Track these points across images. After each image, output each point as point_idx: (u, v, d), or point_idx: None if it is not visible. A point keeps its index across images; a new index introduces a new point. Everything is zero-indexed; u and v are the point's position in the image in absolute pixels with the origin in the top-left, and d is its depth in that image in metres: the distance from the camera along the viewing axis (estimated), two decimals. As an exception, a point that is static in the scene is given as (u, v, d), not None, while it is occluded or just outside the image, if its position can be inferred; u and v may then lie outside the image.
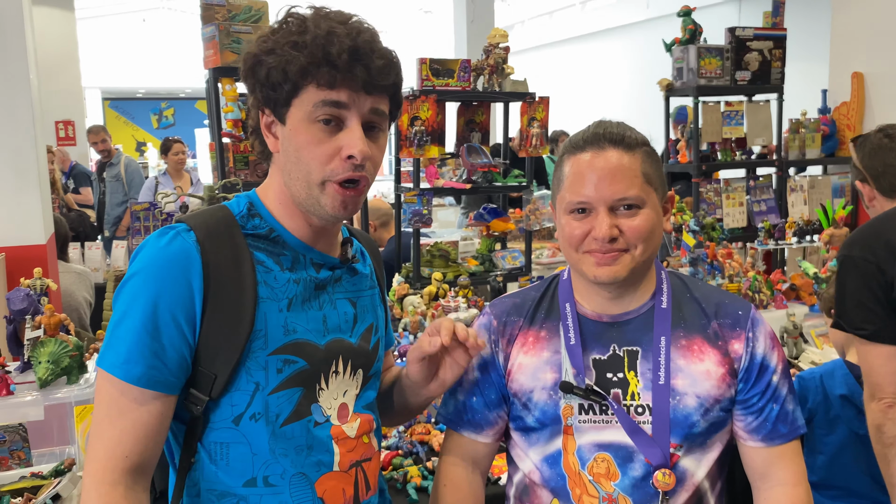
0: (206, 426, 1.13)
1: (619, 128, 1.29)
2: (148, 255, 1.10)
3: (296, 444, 1.14)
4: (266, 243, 1.16)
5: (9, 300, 2.20)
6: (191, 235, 1.10)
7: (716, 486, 1.32)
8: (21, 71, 3.58)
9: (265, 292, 1.12)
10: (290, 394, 1.13)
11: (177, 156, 6.55)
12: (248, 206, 1.18)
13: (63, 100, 8.16)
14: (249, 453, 1.12)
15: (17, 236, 3.61)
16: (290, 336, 1.14)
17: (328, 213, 1.14)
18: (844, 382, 2.18)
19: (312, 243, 1.19)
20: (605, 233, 1.22)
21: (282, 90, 1.10)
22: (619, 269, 1.25)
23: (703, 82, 4.52)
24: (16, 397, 2.05)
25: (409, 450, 2.20)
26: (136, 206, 4.11)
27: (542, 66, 13.22)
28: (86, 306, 3.98)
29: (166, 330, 1.07)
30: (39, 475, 1.98)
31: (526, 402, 1.32)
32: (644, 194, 1.25)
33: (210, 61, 3.45)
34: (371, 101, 1.12)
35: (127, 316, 1.07)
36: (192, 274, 1.08)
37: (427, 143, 3.48)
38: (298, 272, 1.16)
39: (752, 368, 1.29)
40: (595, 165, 1.25)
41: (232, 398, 1.11)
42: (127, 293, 1.09)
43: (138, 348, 1.06)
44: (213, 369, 1.10)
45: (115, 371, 1.06)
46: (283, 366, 1.13)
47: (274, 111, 1.13)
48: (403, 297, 2.81)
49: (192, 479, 1.14)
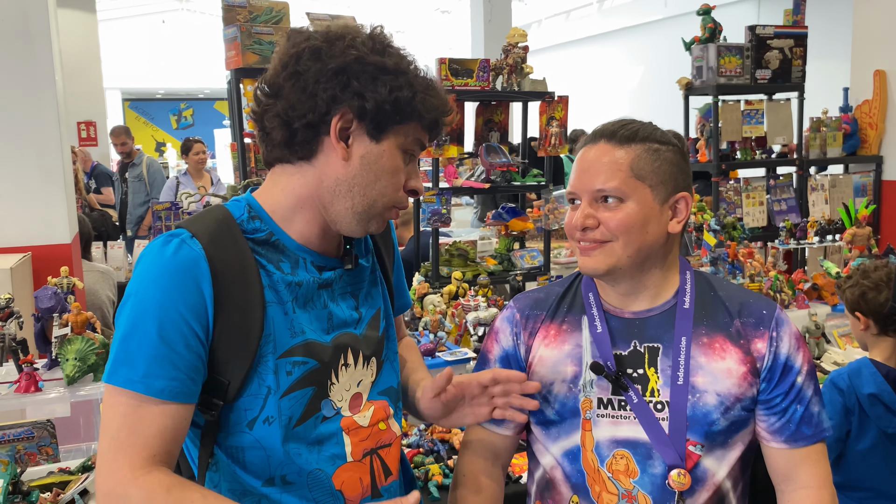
0: (220, 430, 1.12)
1: (619, 123, 1.31)
2: (155, 265, 1.07)
3: (307, 442, 1.14)
4: (267, 248, 1.15)
5: (37, 298, 2.24)
6: (195, 243, 1.08)
7: (738, 486, 1.31)
8: (47, 73, 3.63)
9: (271, 296, 1.12)
10: (302, 395, 1.14)
11: (197, 156, 6.60)
12: (247, 209, 1.16)
13: (85, 101, 8.24)
14: (265, 455, 1.12)
15: (43, 235, 3.66)
16: (297, 338, 1.14)
17: (370, 231, 1.19)
18: (873, 381, 2.16)
19: (314, 246, 1.19)
20: (579, 221, 1.27)
21: (400, 114, 1.12)
22: (598, 262, 1.27)
23: (722, 81, 4.50)
24: (44, 394, 2.08)
25: (430, 448, 2.21)
26: (158, 206, 4.16)
27: (559, 65, 13.19)
28: (109, 305, 4.03)
29: (183, 341, 1.05)
30: (67, 471, 2.01)
31: (546, 395, 1.33)
32: (627, 188, 1.25)
33: (232, 62, 3.48)
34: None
35: (138, 329, 1.04)
36: (203, 282, 1.06)
37: (446, 142, 3.50)
38: (299, 275, 1.16)
39: (776, 368, 1.28)
40: (585, 158, 1.30)
41: (245, 403, 1.11)
42: (136, 305, 1.05)
43: (157, 361, 1.03)
44: (226, 376, 1.09)
45: (133, 386, 1.03)
46: (293, 368, 1.13)
47: (375, 125, 1.12)
48: (423, 296, 2.83)
49: (211, 479, 1.15)
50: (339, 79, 1.09)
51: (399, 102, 1.11)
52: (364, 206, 1.14)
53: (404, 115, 1.12)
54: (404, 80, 1.11)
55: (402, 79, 1.11)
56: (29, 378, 2.07)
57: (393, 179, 1.14)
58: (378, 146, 1.12)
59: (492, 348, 1.42)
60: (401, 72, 1.11)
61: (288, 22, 3.59)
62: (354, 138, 1.12)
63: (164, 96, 18.87)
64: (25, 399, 2.07)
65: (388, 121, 1.11)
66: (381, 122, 1.11)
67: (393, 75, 1.10)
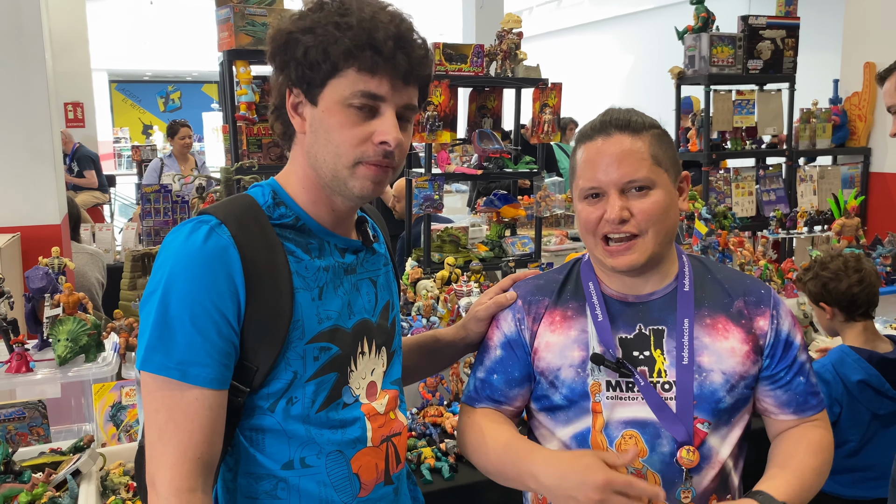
0: (243, 414, 1.13)
1: (626, 113, 1.33)
2: (185, 252, 1.06)
3: (329, 426, 1.15)
4: (293, 233, 1.15)
5: (28, 278, 2.22)
6: (224, 230, 1.08)
7: (738, 465, 1.35)
8: (37, 52, 3.58)
9: (299, 282, 1.12)
10: (326, 380, 1.14)
11: (183, 140, 6.54)
12: (272, 195, 1.16)
13: (72, 81, 8.15)
14: (286, 438, 1.13)
15: (32, 216, 3.63)
16: (324, 324, 1.14)
17: (355, 195, 1.14)
18: (858, 367, 2.21)
19: (334, 228, 1.19)
20: (616, 214, 1.26)
21: (319, 70, 1.08)
22: (637, 257, 1.28)
23: (714, 70, 4.51)
24: (35, 374, 2.07)
25: (422, 431, 2.22)
26: (147, 189, 4.14)
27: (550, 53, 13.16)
28: (98, 287, 4.00)
29: (216, 329, 1.05)
30: (59, 451, 2.00)
31: (553, 381, 1.34)
32: (654, 175, 1.28)
33: (224, 44, 3.45)
34: (406, 94, 1.12)
35: (170, 317, 1.04)
36: (234, 270, 1.06)
37: (439, 128, 3.49)
38: (326, 259, 1.17)
39: (778, 344, 1.33)
40: (604, 151, 1.29)
41: (270, 387, 1.11)
42: (167, 294, 1.05)
43: (193, 349, 1.04)
44: (255, 362, 1.09)
45: (168, 373, 1.04)
46: (320, 353, 1.14)
47: (306, 91, 1.11)
48: (416, 281, 2.83)
49: (227, 464, 1.15)
50: (275, 61, 1.13)
51: (309, 59, 1.08)
52: (332, 170, 1.12)
53: (324, 69, 1.08)
54: (322, 33, 1.07)
55: (311, 36, 1.07)
56: (20, 358, 2.06)
57: (342, 136, 1.09)
58: (318, 108, 1.11)
59: (493, 335, 1.43)
60: (315, 27, 1.08)
61: (281, 3, 3.56)
62: (304, 109, 1.13)
63: (151, 78, 18.68)
64: (16, 379, 2.06)
65: (315, 80, 1.09)
66: (310, 84, 1.10)
67: (310, 33, 1.08)
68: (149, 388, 1.06)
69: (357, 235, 1.26)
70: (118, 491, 1.85)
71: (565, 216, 5.35)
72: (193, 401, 1.05)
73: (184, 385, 1.05)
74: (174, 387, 1.05)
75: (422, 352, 1.49)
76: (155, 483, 1.05)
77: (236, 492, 1.15)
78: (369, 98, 1.09)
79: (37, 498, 1.75)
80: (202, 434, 1.06)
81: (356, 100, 1.09)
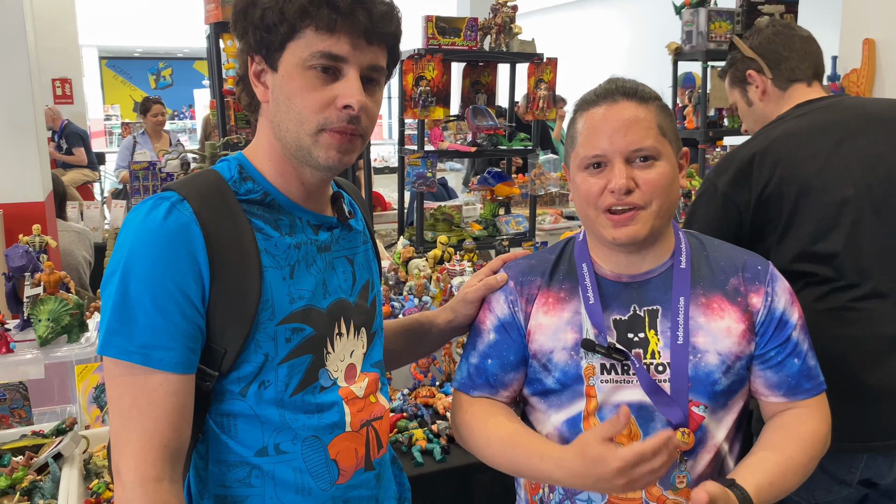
0: (213, 399, 1.08)
1: (632, 82, 1.28)
2: (145, 230, 1.01)
3: (305, 410, 1.10)
4: (262, 208, 1.10)
5: (7, 257, 2.16)
6: (186, 206, 1.03)
7: (734, 449, 1.31)
8: (17, 23, 3.50)
9: (268, 261, 1.07)
10: (300, 362, 1.10)
11: (155, 117, 6.46)
12: (238, 170, 1.11)
13: (59, 57, 8.03)
14: (259, 423, 1.08)
15: (15, 193, 3.57)
16: (295, 304, 1.09)
17: (321, 165, 1.08)
18: None
19: (305, 203, 1.14)
20: (622, 184, 1.20)
21: (276, 32, 1.03)
22: (639, 229, 1.23)
23: (712, 46, 4.43)
24: (16, 355, 2.02)
25: (413, 412, 2.18)
26: (136, 166, 4.07)
27: (545, 29, 13.04)
28: (85, 266, 3.95)
29: (179, 310, 1.00)
30: (41, 434, 1.96)
31: (546, 363, 1.30)
32: (660, 146, 1.23)
33: (211, 16, 3.37)
34: (371, 53, 1.06)
35: (131, 298, 0.99)
36: (197, 249, 1.01)
37: (432, 104, 3.42)
38: (298, 236, 1.12)
39: (770, 322, 1.27)
40: (609, 118, 1.23)
41: (240, 371, 1.07)
42: (127, 274, 1.00)
43: (155, 332, 0.99)
44: (222, 344, 1.05)
45: (132, 358, 0.99)
46: (292, 335, 1.09)
47: (266, 57, 1.06)
48: (408, 260, 2.78)
49: (198, 451, 1.11)
50: (237, 29, 1.09)
51: (266, 22, 1.03)
52: (294, 137, 1.06)
53: (281, 31, 1.03)
54: None
55: None
56: (0, 339, 2.01)
57: (303, 101, 1.04)
58: (277, 74, 1.06)
59: (485, 319, 1.38)
60: None
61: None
62: (266, 77, 1.09)
63: (142, 55, 18.48)
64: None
65: (273, 44, 1.04)
66: (269, 48, 1.05)
67: None
68: (111, 374, 1.01)
69: (332, 212, 1.20)
70: (101, 474, 1.80)
71: (560, 194, 5.29)
72: (157, 386, 1.00)
73: (147, 370, 1.00)
74: (137, 372, 1.00)
75: (407, 335, 1.45)
76: (120, 472, 1.01)
77: (208, 480, 1.10)
78: (329, 59, 1.03)
79: (17, 482, 1.71)
80: (168, 420, 1.01)
81: (315, 60, 1.03)
